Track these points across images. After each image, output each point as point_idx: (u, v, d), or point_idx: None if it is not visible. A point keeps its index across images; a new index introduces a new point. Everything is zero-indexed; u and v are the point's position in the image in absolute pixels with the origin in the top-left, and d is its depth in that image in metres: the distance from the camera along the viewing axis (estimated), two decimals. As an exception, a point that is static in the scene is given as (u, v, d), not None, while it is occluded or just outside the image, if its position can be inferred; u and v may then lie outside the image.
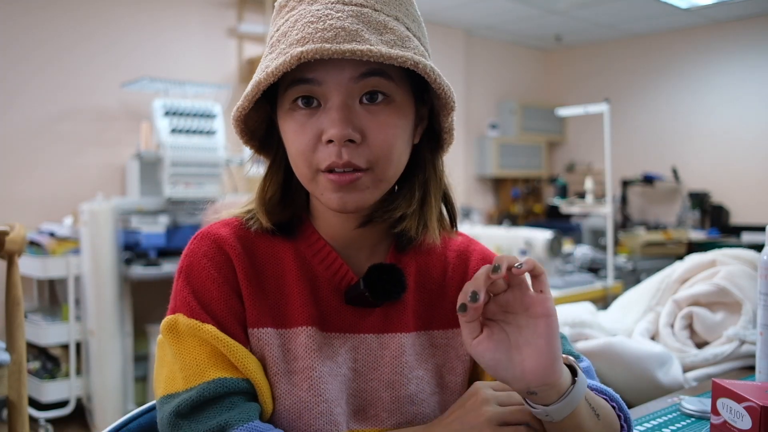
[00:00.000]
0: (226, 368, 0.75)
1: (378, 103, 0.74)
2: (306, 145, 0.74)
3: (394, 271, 0.81)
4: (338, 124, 0.71)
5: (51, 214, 3.63)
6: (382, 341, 0.82)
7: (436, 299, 0.86)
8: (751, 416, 0.79)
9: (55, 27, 3.69)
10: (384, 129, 0.74)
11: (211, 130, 3.59)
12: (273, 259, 0.82)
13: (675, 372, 1.35)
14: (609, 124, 3.63)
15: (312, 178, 0.75)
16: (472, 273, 0.86)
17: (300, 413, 0.76)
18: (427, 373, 0.83)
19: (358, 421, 0.80)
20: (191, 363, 0.74)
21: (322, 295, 0.81)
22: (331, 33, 0.69)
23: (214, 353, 0.75)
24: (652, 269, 3.54)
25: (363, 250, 0.84)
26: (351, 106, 0.73)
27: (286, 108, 0.76)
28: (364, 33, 0.70)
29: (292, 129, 0.75)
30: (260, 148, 0.84)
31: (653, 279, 1.64)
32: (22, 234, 1.65)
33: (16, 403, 1.59)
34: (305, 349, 0.78)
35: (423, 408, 0.81)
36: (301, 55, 0.68)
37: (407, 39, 0.74)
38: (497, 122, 6.21)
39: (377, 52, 0.68)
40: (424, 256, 0.87)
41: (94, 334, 3.23)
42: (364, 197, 0.75)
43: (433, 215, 0.83)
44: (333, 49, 0.68)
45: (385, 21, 0.74)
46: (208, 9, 4.32)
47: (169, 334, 0.77)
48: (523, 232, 3.41)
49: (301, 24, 0.72)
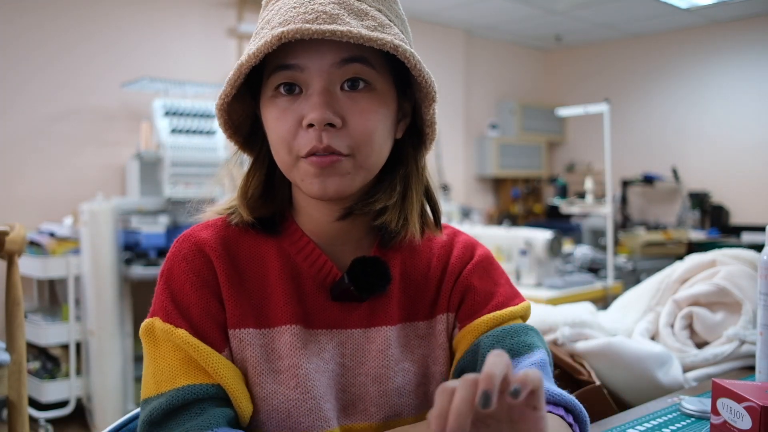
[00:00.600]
0: (197, 375, 0.75)
1: (359, 90, 0.74)
2: (287, 131, 0.74)
3: (378, 263, 0.81)
4: (318, 108, 0.72)
5: (51, 214, 3.63)
6: (369, 335, 0.82)
7: (420, 291, 0.86)
8: (751, 416, 0.79)
9: (55, 27, 3.69)
10: (365, 115, 0.74)
11: (211, 130, 3.59)
12: (256, 258, 0.82)
13: (675, 372, 1.35)
14: (609, 124, 3.63)
15: (293, 164, 0.76)
16: (455, 261, 0.87)
17: (289, 412, 0.76)
18: (413, 364, 0.83)
19: (348, 416, 0.80)
20: (164, 368, 0.75)
21: (307, 291, 0.81)
22: (312, 15, 0.70)
23: (186, 359, 0.75)
24: (652, 269, 3.54)
25: (347, 245, 0.84)
26: (332, 92, 0.73)
27: (268, 95, 0.76)
28: (344, 17, 0.71)
29: (274, 116, 0.75)
30: (244, 145, 0.85)
31: (653, 279, 1.64)
32: (22, 234, 1.65)
33: (16, 403, 1.59)
34: (290, 347, 0.78)
35: (410, 399, 0.82)
36: (282, 35, 0.68)
37: (388, 26, 0.75)
38: (497, 122, 6.21)
39: (357, 33, 0.69)
40: (408, 250, 0.86)
41: (94, 334, 3.23)
42: (345, 182, 0.75)
43: (414, 210, 0.82)
44: (313, 29, 0.68)
45: (367, 9, 0.74)
46: (208, 9, 4.32)
47: (145, 337, 0.78)
48: (523, 232, 3.41)
49: (284, 10, 0.73)
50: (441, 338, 0.84)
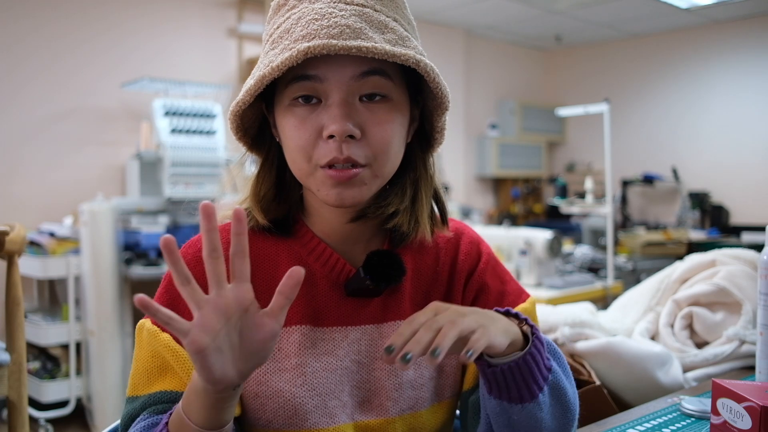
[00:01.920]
0: (172, 381, 0.77)
1: (377, 101, 0.75)
2: (306, 141, 0.75)
3: (392, 256, 0.83)
4: (339, 120, 0.72)
5: (51, 214, 3.63)
6: (382, 330, 0.84)
7: (431, 286, 0.88)
8: (751, 416, 0.79)
9: (55, 27, 3.69)
10: (383, 125, 0.75)
11: (211, 130, 3.59)
12: (266, 260, 0.83)
13: (675, 372, 1.35)
14: (609, 124, 3.63)
15: (310, 173, 0.76)
16: (463, 258, 0.90)
17: (295, 409, 0.78)
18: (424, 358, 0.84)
19: (364, 411, 0.82)
20: (142, 372, 0.78)
21: (319, 291, 0.82)
22: (336, 30, 0.71)
23: (164, 365, 0.77)
24: (652, 269, 3.54)
25: (358, 245, 0.85)
26: (351, 103, 0.74)
27: (285, 104, 0.76)
28: (367, 31, 0.72)
29: (292, 124, 0.75)
30: (252, 146, 0.85)
31: (653, 279, 1.64)
32: (22, 234, 1.65)
33: (16, 403, 1.59)
34: (298, 346, 0.80)
35: (423, 392, 0.84)
36: (308, 50, 0.69)
37: (407, 39, 0.76)
38: (497, 122, 6.21)
39: (381, 49, 0.70)
40: (417, 248, 0.89)
41: (94, 334, 3.23)
42: (362, 192, 0.76)
43: (425, 212, 0.84)
44: (340, 45, 0.69)
45: (386, 21, 0.75)
46: (208, 9, 4.32)
47: (136, 336, 0.81)
48: (523, 232, 3.41)
49: (305, 21, 0.73)
50: None
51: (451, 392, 0.88)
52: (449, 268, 0.89)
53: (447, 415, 0.88)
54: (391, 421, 0.83)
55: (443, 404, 0.88)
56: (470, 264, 0.90)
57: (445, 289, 0.88)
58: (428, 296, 0.87)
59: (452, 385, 0.88)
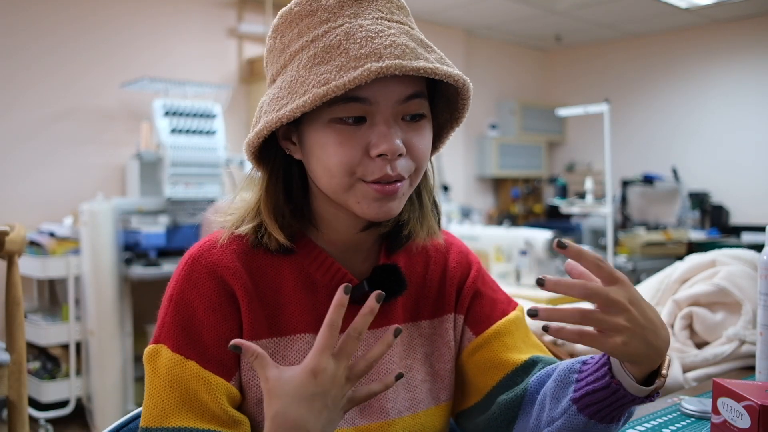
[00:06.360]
0: (190, 416, 0.74)
1: (416, 120, 0.77)
2: (352, 157, 0.74)
3: (396, 271, 0.85)
4: (390, 140, 0.73)
5: (51, 214, 3.63)
6: (377, 336, 0.85)
7: (421, 292, 0.90)
8: (750, 415, 0.79)
9: (55, 27, 3.69)
10: (422, 142, 0.78)
11: (211, 130, 3.59)
12: (270, 272, 0.83)
13: (675, 372, 1.35)
14: (609, 124, 3.64)
15: (350, 186, 0.76)
16: (454, 266, 0.93)
17: None
18: (416, 362, 0.88)
19: (365, 416, 0.83)
20: (158, 403, 0.75)
21: (322, 301, 0.83)
22: (398, 50, 0.71)
23: (184, 398, 0.75)
24: (652, 269, 3.54)
25: (359, 253, 0.86)
26: (397, 122, 0.76)
27: (324, 120, 0.74)
28: (419, 50, 0.73)
29: (336, 141, 0.74)
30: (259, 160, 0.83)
31: (653, 279, 1.64)
32: (22, 234, 1.65)
33: (16, 403, 1.59)
34: (303, 355, 0.81)
35: (417, 394, 0.87)
36: (381, 71, 0.68)
37: (445, 57, 0.78)
38: (497, 122, 6.21)
39: (441, 70, 0.72)
40: (408, 253, 0.91)
41: (94, 334, 3.23)
42: (400, 204, 0.79)
43: (429, 215, 0.87)
44: (409, 66, 0.69)
45: (424, 39, 0.77)
46: (208, 9, 4.32)
47: (148, 363, 0.77)
48: (523, 232, 3.41)
49: (359, 38, 0.71)
50: (447, 336, 0.90)
51: (447, 396, 0.90)
52: (439, 275, 0.92)
53: (444, 418, 0.90)
54: (391, 423, 0.84)
55: (440, 408, 0.89)
56: (461, 272, 0.93)
57: (436, 295, 0.91)
58: (418, 301, 0.89)
59: (447, 388, 0.90)
